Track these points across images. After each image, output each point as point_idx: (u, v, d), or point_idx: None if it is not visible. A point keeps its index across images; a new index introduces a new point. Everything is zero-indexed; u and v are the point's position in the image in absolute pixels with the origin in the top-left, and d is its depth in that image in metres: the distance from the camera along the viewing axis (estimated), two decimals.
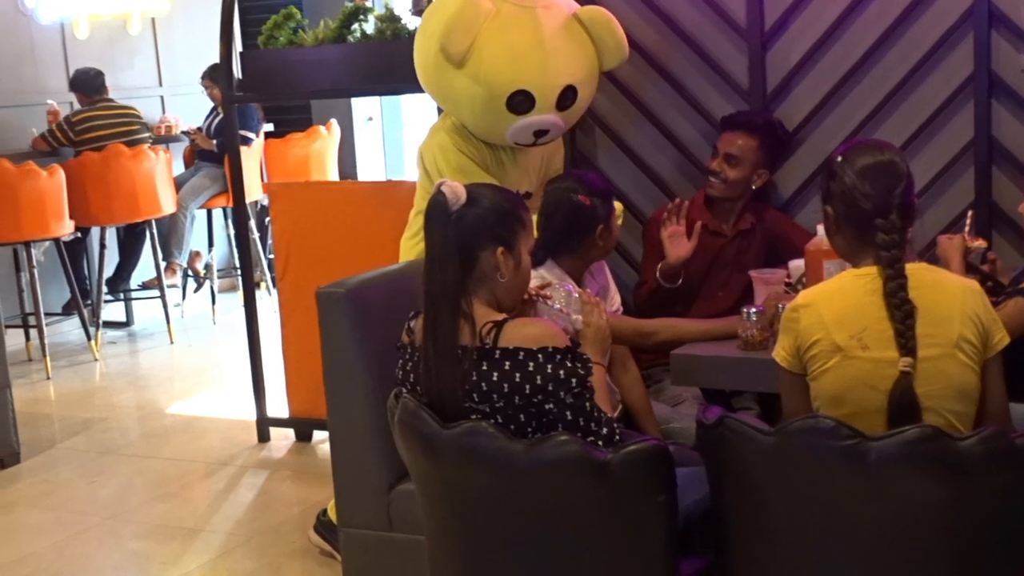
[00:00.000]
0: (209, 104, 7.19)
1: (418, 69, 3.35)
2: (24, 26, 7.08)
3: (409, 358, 2.35)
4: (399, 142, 8.47)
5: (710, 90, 3.77)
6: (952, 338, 2.15)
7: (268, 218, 5.00)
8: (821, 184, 2.36)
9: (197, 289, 7.47)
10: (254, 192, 6.81)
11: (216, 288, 7.25)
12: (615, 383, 3.01)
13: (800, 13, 3.62)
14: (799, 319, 2.22)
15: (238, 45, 7.36)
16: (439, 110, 3.51)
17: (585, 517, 2.11)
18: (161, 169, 6.58)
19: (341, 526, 3.09)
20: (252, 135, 6.91)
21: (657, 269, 3.44)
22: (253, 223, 6.77)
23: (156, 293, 6.79)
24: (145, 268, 7.07)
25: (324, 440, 4.57)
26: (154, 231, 6.69)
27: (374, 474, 2.94)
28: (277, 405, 4.74)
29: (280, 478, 4.38)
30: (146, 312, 7.18)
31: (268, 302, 6.76)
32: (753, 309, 2.77)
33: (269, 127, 7.52)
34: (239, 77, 4.92)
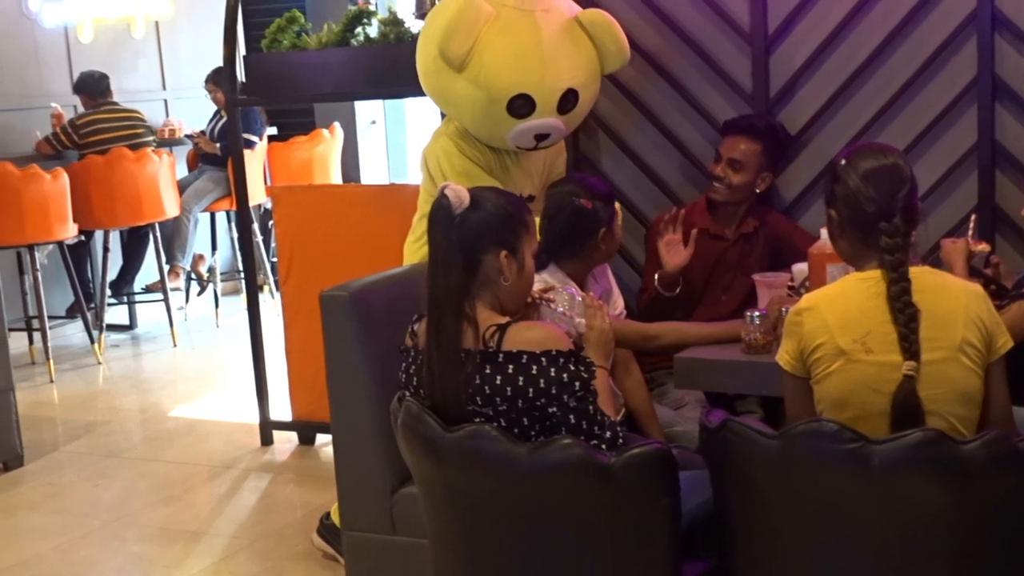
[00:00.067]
0: (213, 107, 7.19)
1: (420, 73, 3.35)
2: (28, 29, 7.09)
3: (412, 361, 2.35)
4: (402, 146, 8.46)
5: (713, 93, 3.77)
6: (956, 342, 2.15)
7: (271, 221, 4.99)
8: (824, 187, 2.36)
9: (200, 292, 7.46)
10: (257, 195, 6.80)
11: (219, 291, 7.24)
12: (618, 386, 3.01)
13: (804, 16, 3.62)
14: (802, 323, 2.22)
15: (242, 49, 7.36)
16: (442, 114, 3.51)
17: (588, 520, 2.10)
18: (165, 172, 6.59)
19: (344, 529, 3.08)
20: (255, 138, 6.90)
21: (655, 278, 3.44)
22: (256, 226, 6.79)
23: (159, 296, 6.79)
24: (148, 271, 7.07)
25: (327, 443, 4.56)
26: (157, 234, 6.69)
27: (377, 477, 2.94)
28: (280, 408, 4.74)
29: (283, 481, 4.38)
30: (149, 315, 7.18)
31: (271, 305, 6.73)
32: (756, 312, 2.77)
33: (272, 130, 7.50)
34: (242, 80, 4.93)
